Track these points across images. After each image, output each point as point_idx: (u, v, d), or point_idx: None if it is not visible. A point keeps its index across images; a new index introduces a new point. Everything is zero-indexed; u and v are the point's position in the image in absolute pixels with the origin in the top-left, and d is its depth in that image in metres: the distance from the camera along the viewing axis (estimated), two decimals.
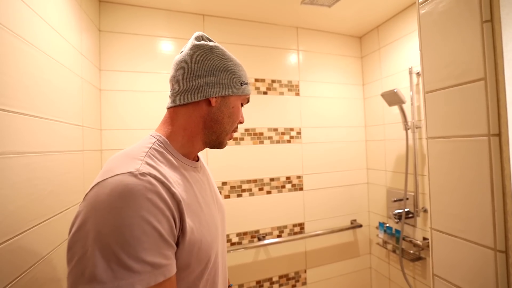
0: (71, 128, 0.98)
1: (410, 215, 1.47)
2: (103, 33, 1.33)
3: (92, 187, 0.43)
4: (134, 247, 0.38)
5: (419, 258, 1.40)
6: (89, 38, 1.18)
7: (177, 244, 0.45)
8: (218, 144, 0.60)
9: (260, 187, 1.58)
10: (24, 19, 0.71)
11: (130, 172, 0.42)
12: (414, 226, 1.47)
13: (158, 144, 0.52)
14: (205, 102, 0.55)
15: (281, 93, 1.67)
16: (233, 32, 1.57)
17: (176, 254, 0.45)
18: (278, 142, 1.64)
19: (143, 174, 0.43)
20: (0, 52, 0.61)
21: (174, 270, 0.43)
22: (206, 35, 0.59)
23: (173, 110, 0.56)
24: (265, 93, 1.62)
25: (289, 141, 1.66)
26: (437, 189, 0.60)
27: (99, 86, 1.30)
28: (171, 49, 1.44)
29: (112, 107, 1.33)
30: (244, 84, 0.59)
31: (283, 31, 1.69)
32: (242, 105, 0.62)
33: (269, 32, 1.65)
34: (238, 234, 1.51)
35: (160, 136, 0.54)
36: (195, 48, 0.55)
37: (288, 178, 1.65)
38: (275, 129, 1.63)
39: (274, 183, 1.61)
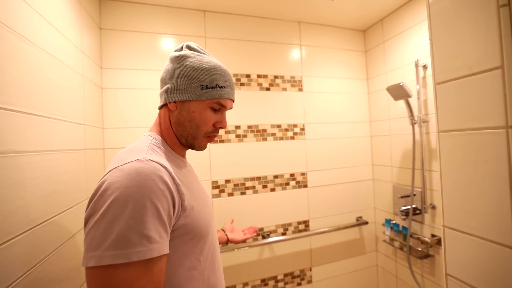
0: (73, 126, 0.96)
1: (418, 212, 1.44)
2: (104, 31, 1.31)
3: (104, 175, 0.49)
4: (137, 220, 0.44)
5: (427, 256, 1.38)
6: (90, 36, 1.17)
7: (180, 222, 0.52)
8: (189, 145, 0.65)
9: (264, 184, 1.56)
10: (23, 17, 0.69)
11: (138, 159, 0.50)
12: (421, 222, 1.44)
13: (155, 141, 0.61)
14: (168, 107, 0.63)
15: (284, 89, 1.64)
16: (234, 28, 1.54)
17: (180, 231, 0.53)
18: (281, 138, 1.61)
19: (148, 160, 0.51)
20: (6, 54, 0.59)
21: (166, 249, 0.48)
22: (187, 44, 0.65)
23: (159, 111, 0.68)
24: (267, 89, 1.60)
25: (292, 138, 1.64)
26: (449, 185, 0.58)
27: (100, 84, 1.29)
28: (172, 46, 1.42)
29: (114, 106, 1.32)
30: (208, 88, 0.60)
31: (285, 26, 1.66)
32: (218, 110, 0.63)
33: (271, 27, 1.62)
34: None
35: (155, 135, 0.63)
36: (169, 59, 0.65)
37: (292, 175, 1.63)
38: (278, 126, 1.61)
39: (278, 180, 1.59)
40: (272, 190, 1.58)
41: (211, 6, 1.46)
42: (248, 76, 1.56)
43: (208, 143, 0.68)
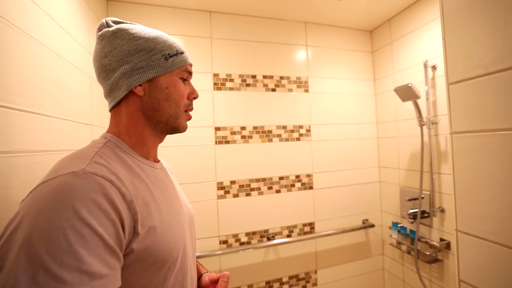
0: (80, 127, 0.97)
1: (426, 215, 1.41)
2: None
3: (31, 192, 0.39)
4: (68, 253, 0.32)
5: (436, 260, 1.35)
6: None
7: (131, 247, 0.41)
8: (172, 129, 0.55)
9: (269, 186, 1.55)
10: (30, 16, 0.70)
11: (73, 172, 0.38)
12: (430, 226, 1.41)
13: (111, 144, 0.49)
14: (133, 94, 0.50)
15: (290, 90, 1.63)
16: (240, 28, 1.54)
17: (132, 257, 0.41)
18: (287, 140, 1.60)
19: (87, 173, 0.39)
20: (6, 50, 0.60)
21: (118, 282, 0.37)
22: (111, 19, 0.52)
23: (112, 112, 0.53)
24: (273, 90, 1.59)
25: (298, 139, 1.63)
26: (463, 188, 0.56)
27: None
28: None
29: None
30: (171, 56, 0.52)
31: (291, 26, 1.65)
32: (186, 79, 0.55)
33: (277, 27, 1.62)
34: (247, 234, 1.49)
35: (112, 136, 0.50)
36: (98, 40, 0.51)
37: (297, 176, 1.61)
38: (284, 127, 1.60)
39: (283, 182, 1.58)
40: (278, 191, 1.56)
41: (217, 7, 1.46)
42: (254, 76, 1.55)
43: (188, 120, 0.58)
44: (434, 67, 1.38)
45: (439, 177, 1.36)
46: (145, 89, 0.50)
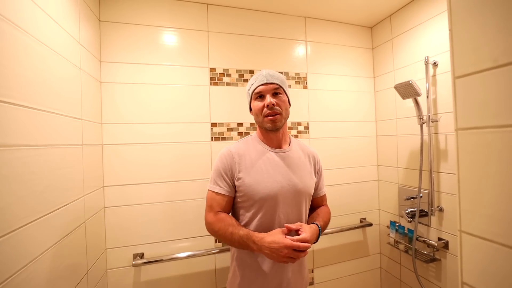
0: (69, 121, 0.93)
1: (424, 214, 1.39)
2: (104, 23, 1.28)
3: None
4: (213, 173, 0.94)
5: (433, 260, 1.33)
6: (88, 28, 1.14)
7: (236, 182, 0.90)
8: (265, 128, 0.93)
9: None
10: (17, 4, 0.66)
11: (226, 147, 0.96)
12: (428, 225, 1.39)
13: (250, 137, 1.01)
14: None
15: (288, 86, 1.59)
16: (237, 22, 1.50)
17: (236, 188, 0.91)
18: None
19: (227, 148, 0.96)
20: None
21: (221, 191, 0.90)
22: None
23: None
24: None
25: (296, 136, 1.60)
26: (468, 187, 0.53)
27: (99, 78, 1.26)
28: (174, 40, 1.39)
29: (114, 100, 1.28)
30: (249, 90, 0.96)
31: (290, 21, 1.61)
32: (261, 97, 0.92)
33: (275, 22, 1.58)
34: None
35: (254, 134, 1.02)
36: None
37: None
38: None
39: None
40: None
41: None
42: (251, 72, 1.52)
43: (271, 121, 0.91)
44: (435, 64, 1.35)
45: (438, 176, 1.35)
46: (252, 112, 0.97)
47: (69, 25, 0.96)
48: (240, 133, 1.48)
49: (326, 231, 1.58)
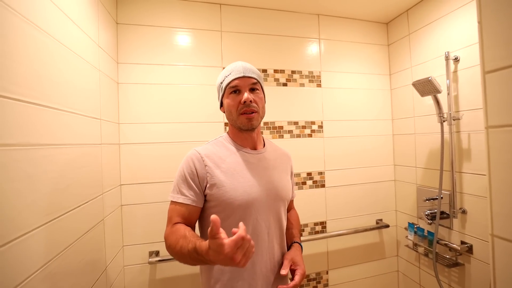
0: (89, 121, 0.96)
1: (445, 216, 1.34)
2: (120, 26, 1.31)
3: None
4: (176, 180, 0.80)
5: (456, 264, 1.28)
6: (106, 30, 1.16)
7: (207, 190, 0.77)
8: (239, 127, 0.81)
9: None
10: (41, 9, 0.68)
11: (193, 148, 0.83)
12: (449, 228, 1.34)
13: (221, 138, 0.88)
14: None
15: (302, 85, 1.58)
16: (250, 21, 1.50)
17: (207, 196, 0.78)
18: (298, 136, 1.55)
19: (194, 149, 0.82)
20: (18, 43, 0.58)
21: (186, 200, 0.76)
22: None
23: None
24: (284, 84, 1.54)
25: (310, 135, 1.57)
26: (501, 189, 0.50)
27: (116, 79, 1.29)
28: (188, 41, 1.40)
29: (130, 101, 1.31)
30: (221, 83, 0.83)
31: (303, 19, 1.59)
32: (237, 92, 0.80)
33: (288, 20, 1.56)
34: None
35: (225, 134, 0.90)
36: None
37: (309, 174, 1.56)
38: (296, 123, 1.55)
39: (294, 179, 1.53)
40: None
41: None
42: (264, 71, 1.51)
43: (248, 119, 0.80)
44: (456, 60, 1.30)
45: (460, 177, 1.29)
46: (224, 108, 0.85)
47: (89, 28, 0.99)
48: None
49: (340, 232, 1.55)
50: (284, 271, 0.77)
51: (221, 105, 0.86)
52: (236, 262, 0.57)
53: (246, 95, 0.78)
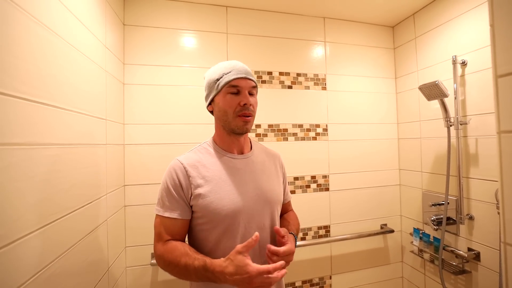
0: (95, 121, 0.96)
1: (451, 222, 1.31)
2: (127, 27, 1.32)
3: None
4: (160, 193, 0.76)
5: (463, 272, 1.25)
6: (113, 31, 1.17)
7: (192, 201, 0.73)
8: (232, 131, 0.77)
9: None
10: (50, 9, 0.69)
11: (174, 158, 0.78)
12: (456, 234, 1.32)
13: (205, 144, 0.82)
14: (210, 112, 0.82)
15: (307, 87, 1.57)
16: (256, 24, 1.50)
17: (193, 207, 0.74)
18: (303, 139, 1.55)
19: (176, 159, 0.77)
20: (25, 41, 0.58)
21: (173, 214, 0.73)
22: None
23: None
24: (289, 87, 1.54)
25: (314, 138, 1.57)
26: None
27: (122, 80, 1.29)
28: (193, 42, 1.40)
29: (135, 101, 1.32)
30: (218, 80, 0.75)
31: (309, 21, 1.59)
32: (236, 92, 0.74)
33: (294, 23, 1.56)
34: None
35: (209, 139, 0.84)
36: None
37: (313, 177, 1.55)
38: (300, 126, 1.55)
39: (298, 183, 1.52)
40: (292, 192, 1.51)
41: (233, 1, 1.42)
42: (270, 73, 1.51)
43: (244, 122, 0.75)
44: (463, 63, 1.28)
45: (467, 182, 1.27)
46: (213, 107, 0.79)
47: (97, 29, 0.99)
48: (258, 135, 1.47)
49: (344, 236, 1.54)
50: (282, 231, 0.74)
51: (210, 103, 0.79)
52: (251, 287, 0.61)
53: (248, 97, 0.74)
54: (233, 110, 0.74)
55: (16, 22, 0.56)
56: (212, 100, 0.78)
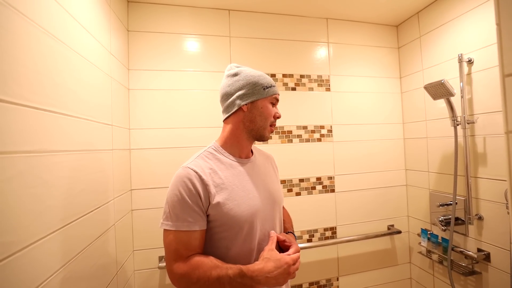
0: (101, 127, 0.97)
1: (460, 222, 1.30)
2: (131, 33, 1.33)
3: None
4: (171, 205, 0.69)
5: (472, 273, 1.23)
6: (118, 37, 1.19)
7: (209, 211, 0.70)
8: (259, 137, 0.79)
9: (289, 188, 1.50)
10: (54, 17, 0.70)
11: (182, 166, 0.73)
12: (465, 235, 1.30)
13: (211, 149, 0.79)
14: (240, 110, 0.77)
15: (311, 89, 1.57)
16: (259, 26, 1.51)
17: (210, 216, 0.70)
18: (307, 140, 1.54)
19: (185, 167, 0.71)
20: (31, 50, 0.60)
21: (193, 227, 0.68)
22: (234, 64, 0.82)
23: (224, 122, 0.81)
24: (293, 89, 1.54)
25: (319, 140, 1.56)
26: None
27: (127, 85, 1.31)
28: (197, 46, 1.42)
29: (140, 106, 1.33)
30: (267, 88, 0.77)
31: (312, 23, 1.59)
32: (274, 104, 0.80)
33: (297, 24, 1.57)
34: None
35: (215, 143, 0.81)
36: (226, 77, 0.80)
37: (318, 179, 1.55)
38: (305, 127, 1.54)
39: (303, 184, 1.52)
40: (298, 194, 1.51)
41: (236, 5, 1.43)
42: (273, 75, 1.51)
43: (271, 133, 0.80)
44: (470, 62, 1.27)
45: (475, 182, 1.25)
46: (249, 107, 0.76)
47: (102, 36, 1.01)
48: None
49: (350, 237, 1.52)
50: (278, 235, 0.76)
51: (245, 104, 0.76)
52: (291, 275, 0.68)
53: (279, 112, 0.81)
54: (270, 119, 0.78)
55: (26, 34, 0.58)
56: (251, 102, 0.76)
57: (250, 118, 0.76)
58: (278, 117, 0.80)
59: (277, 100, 0.81)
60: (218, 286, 0.63)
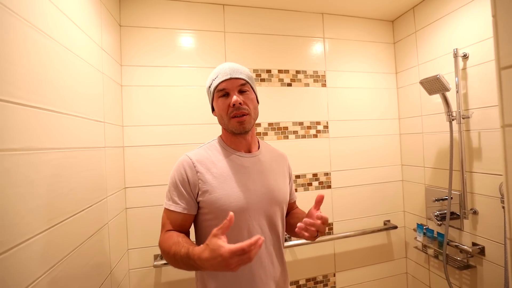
0: (93, 124, 0.95)
1: (455, 217, 1.30)
2: (124, 28, 1.31)
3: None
4: (169, 187, 0.78)
5: (467, 266, 1.24)
6: (109, 33, 1.16)
7: (199, 197, 0.75)
8: (231, 132, 0.79)
9: None
10: (44, 12, 0.68)
11: (184, 154, 0.80)
12: (460, 229, 1.30)
13: (214, 142, 0.85)
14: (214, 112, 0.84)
15: (306, 85, 1.56)
16: (254, 21, 1.49)
17: (200, 203, 0.76)
18: (303, 137, 1.53)
19: (186, 155, 0.79)
20: (20, 46, 0.57)
21: (177, 208, 0.75)
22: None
23: None
24: (289, 85, 1.53)
25: (315, 136, 1.55)
26: None
27: (120, 81, 1.28)
28: (191, 42, 1.39)
29: (134, 103, 1.31)
30: (209, 87, 0.80)
31: (307, 18, 1.57)
32: (227, 94, 0.76)
33: (292, 20, 1.55)
34: None
35: (218, 137, 0.86)
36: None
37: (315, 175, 1.54)
38: (301, 123, 1.53)
39: (300, 181, 1.51)
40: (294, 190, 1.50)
41: None
42: (268, 71, 1.50)
43: (239, 123, 0.76)
44: (465, 57, 1.26)
45: (470, 176, 1.25)
46: (215, 112, 0.82)
47: (93, 31, 0.98)
48: (258, 134, 1.46)
49: (347, 233, 1.53)
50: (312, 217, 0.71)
51: (213, 109, 0.83)
52: (229, 268, 0.56)
53: (234, 97, 0.74)
54: (226, 113, 0.77)
55: (12, 28, 0.56)
56: (212, 106, 0.83)
57: (218, 120, 0.82)
58: (234, 104, 0.74)
59: (223, 90, 0.76)
60: (174, 261, 0.68)
